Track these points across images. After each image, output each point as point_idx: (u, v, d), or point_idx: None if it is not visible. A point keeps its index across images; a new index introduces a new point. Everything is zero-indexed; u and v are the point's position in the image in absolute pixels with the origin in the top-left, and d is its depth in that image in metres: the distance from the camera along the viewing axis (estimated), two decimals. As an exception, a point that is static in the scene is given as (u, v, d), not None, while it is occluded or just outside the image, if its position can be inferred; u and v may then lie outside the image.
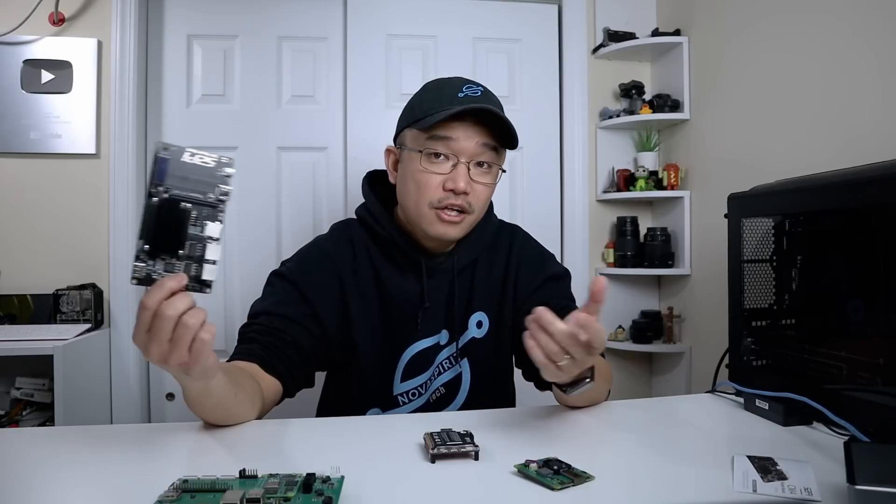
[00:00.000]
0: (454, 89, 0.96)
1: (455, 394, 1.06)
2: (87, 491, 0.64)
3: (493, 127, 0.96)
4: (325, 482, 0.59)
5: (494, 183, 1.00)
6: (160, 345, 0.62)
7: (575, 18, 2.17)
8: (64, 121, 1.86)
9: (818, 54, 1.48)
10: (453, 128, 0.94)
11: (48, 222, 1.88)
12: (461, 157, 0.95)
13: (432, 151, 0.95)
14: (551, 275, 1.09)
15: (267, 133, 2.04)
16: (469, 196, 0.96)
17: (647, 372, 2.28)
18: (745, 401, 0.94)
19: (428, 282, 1.02)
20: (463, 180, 0.94)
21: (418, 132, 0.96)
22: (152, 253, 0.63)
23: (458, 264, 1.04)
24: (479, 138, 0.95)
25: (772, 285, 1.04)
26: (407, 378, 1.03)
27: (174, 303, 0.62)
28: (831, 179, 0.92)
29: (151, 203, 0.62)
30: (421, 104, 0.98)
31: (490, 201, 1.11)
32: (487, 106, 0.93)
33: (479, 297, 1.06)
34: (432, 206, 0.96)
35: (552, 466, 0.64)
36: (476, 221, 1.01)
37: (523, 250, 1.10)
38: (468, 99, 0.94)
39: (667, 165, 2.08)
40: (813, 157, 1.47)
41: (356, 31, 2.07)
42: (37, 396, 1.73)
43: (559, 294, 1.07)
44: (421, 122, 0.96)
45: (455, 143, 0.94)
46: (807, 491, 0.60)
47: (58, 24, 1.86)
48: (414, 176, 0.97)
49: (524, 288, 1.06)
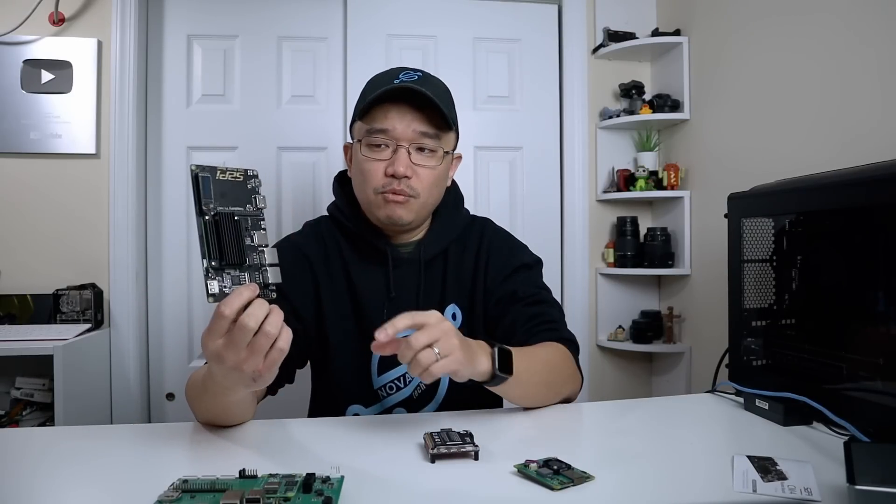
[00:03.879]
0: (391, 77, 0.99)
1: (435, 388, 1.06)
2: (87, 491, 0.64)
3: (430, 110, 0.98)
4: (325, 482, 0.59)
5: (438, 165, 1.01)
6: (237, 352, 0.63)
7: (575, 18, 2.17)
8: (64, 121, 1.86)
9: (818, 54, 1.48)
10: (390, 117, 0.97)
11: (48, 222, 1.88)
12: (400, 143, 0.97)
13: (372, 140, 0.98)
14: (521, 264, 1.08)
15: (267, 133, 2.04)
16: (412, 180, 0.98)
17: (647, 372, 2.28)
18: (745, 401, 0.94)
19: (395, 272, 1.03)
20: (402, 164, 0.96)
21: (361, 124, 1.00)
22: (219, 269, 0.64)
23: (425, 255, 1.05)
24: (416, 125, 0.97)
25: (772, 285, 1.04)
26: (384, 371, 1.03)
27: (254, 312, 0.62)
28: (831, 179, 0.92)
29: (207, 221, 0.64)
30: (363, 96, 1.02)
31: (460, 195, 1.14)
32: (417, 87, 0.95)
33: (452, 289, 1.07)
34: (377, 192, 0.98)
35: (552, 466, 0.64)
36: (427, 206, 1.02)
37: (493, 241, 1.10)
38: (402, 85, 0.97)
39: (667, 165, 2.08)
40: (813, 157, 1.47)
41: (356, 31, 2.07)
42: (37, 396, 1.73)
43: (528, 283, 1.06)
44: (360, 112, 0.99)
45: (392, 131, 0.97)
46: (807, 491, 0.60)
47: (58, 24, 1.85)
48: (359, 165, 1.00)
49: (493, 279, 1.06)
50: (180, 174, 2.01)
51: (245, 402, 0.79)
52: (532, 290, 1.05)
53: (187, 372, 1.99)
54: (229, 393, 0.73)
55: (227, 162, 2.02)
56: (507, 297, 1.03)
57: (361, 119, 1.00)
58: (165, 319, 2.01)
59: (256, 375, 0.66)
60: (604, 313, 2.21)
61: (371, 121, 0.98)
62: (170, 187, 2.00)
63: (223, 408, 0.79)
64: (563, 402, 0.97)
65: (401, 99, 0.97)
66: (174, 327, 2.01)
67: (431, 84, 1.00)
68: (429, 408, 1.05)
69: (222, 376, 0.67)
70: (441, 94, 1.00)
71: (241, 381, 0.67)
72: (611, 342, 2.16)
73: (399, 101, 0.97)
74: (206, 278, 0.63)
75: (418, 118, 0.97)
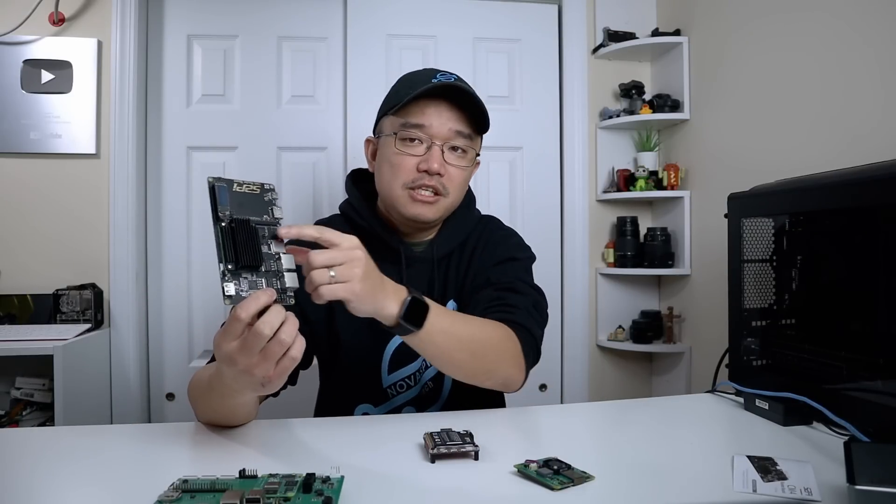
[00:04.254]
0: (428, 76, 1.00)
1: (441, 386, 1.06)
2: (87, 491, 0.64)
3: (466, 112, 0.99)
4: (325, 482, 0.59)
5: (468, 167, 1.02)
6: (250, 357, 0.63)
7: (575, 18, 2.17)
8: (64, 121, 1.86)
9: (818, 54, 1.48)
10: (427, 113, 0.97)
11: (48, 222, 1.87)
12: (435, 140, 0.97)
13: (407, 135, 0.98)
14: (508, 257, 1.07)
15: (267, 133, 2.04)
16: (443, 178, 0.98)
17: (647, 372, 2.28)
18: (745, 401, 0.94)
19: (407, 271, 1.03)
20: (437, 161, 0.97)
21: (394, 118, 1.00)
22: (235, 272, 0.65)
23: (438, 253, 1.05)
24: (452, 124, 0.98)
25: (772, 285, 1.04)
26: (395, 369, 1.03)
27: (270, 319, 0.62)
28: (831, 179, 0.92)
29: (223, 227, 0.65)
30: (396, 93, 1.02)
31: (472, 196, 1.14)
32: (458, 83, 0.96)
33: (451, 285, 1.07)
34: (406, 187, 0.98)
35: (552, 466, 0.64)
36: (452, 206, 1.03)
37: (490, 237, 1.10)
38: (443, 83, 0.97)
39: (667, 165, 2.08)
40: (813, 157, 1.47)
41: (356, 31, 2.07)
42: (37, 396, 1.73)
43: (507, 273, 1.03)
44: (395, 106, 0.99)
45: (429, 127, 0.97)
46: (807, 491, 0.60)
47: (58, 24, 1.85)
48: (389, 159, 0.99)
49: (479, 270, 1.06)
50: (180, 174, 2.01)
51: (249, 403, 0.79)
52: (508, 279, 1.02)
53: (187, 372, 1.99)
54: (236, 395, 0.73)
55: (227, 162, 2.03)
56: (482, 283, 1.03)
57: (395, 114, 0.99)
58: (165, 319, 2.00)
59: (265, 381, 0.66)
60: (604, 313, 2.21)
61: (406, 115, 0.98)
62: (170, 187, 2.00)
63: (228, 408, 0.79)
64: (501, 387, 0.93)
65: (439, 96, 0.97)
66: (174, 327, 2.01)
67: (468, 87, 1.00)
68: (434, 406, 1.05)
69: (232, 378, 0.68)
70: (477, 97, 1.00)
71: (249, 385, 0.67)
72: (611, 342, 2.16)
73: (437, 98, 0.97)
74: (223, 281, 0.63)
75: (455, 117, 0.98)
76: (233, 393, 0.72)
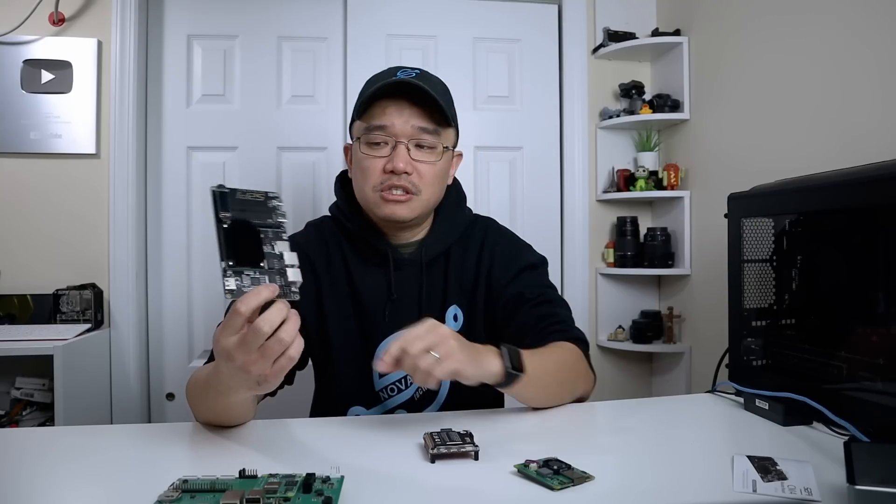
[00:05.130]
0: (389, 75, 0.99)
1: (436, 390, 1.06)
2: (87, 491, 0.64)
3: (429, 106, 0.98)
4: (325, 482, 0.59)
5: (438, 161, 1.01)
6: (248, 353, 0.63)
7: (575, 18, 2.17)
8: (64, 121, 1.86)
9: (818, 54, 1.48)
10: (388, 113, 0.97)
11: (48, 222, 1.87)
12: (399, 139, 0.97)
13: (371, 138, 0.98)
14: (526, 265, 1.07)
15: (267, 133, 2.04)
16: (412, 176, 0.97)
17: (647, 372, 2.28)
18: (745, 401, 0.94)
19: (396, 274, 1.03)
20: (402, 160, 0.96)
21: (360, 122, 1.00)
22: (237, 269, 0.65)
23: (427, 256, 1.04)
24: (414, 120, 0.97)
25: (772, 285, 1.04)
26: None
27: (270, 317, 0.62)
28: (831, 179, 0.92)
29: (225, 227, 0.66)
30: (361, 95, 1.02)
31: (462, 193, 1.13)
32: (415, 81, 0.95)
33: (453, 291, 1.06)
34: (376, 190, 0.98)
35: (552, 466, 0.64)
36: (428, 203, 1.02)
37: (497, 242, 1.09)
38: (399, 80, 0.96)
39: (667, 165, 2.08)
40: (813, 157, 1.47)
41: (356, 31, 2.07)
42: (37, 396, 1.73)
43: (534, 283, 1.06)
44: (358, 110, 0.99)
45: (391, 127, 0.97)
46: (807, 491, 0.60)
47: (58, 24, 1.85)
48: (359, 163, 1.00)
49: (498, 280, 1.06)
50: (180, 174, 2.01)
51: (246, 403, 0.79)
52: (539, 290, 1.04)
53: (187, 372, 1.99)
54: (232, 393, 0.73)
55: (227, 163, 2.03)
56: (515, 299, 1.03)
57: (360, 118, 0.99)
58: (165, 319, 2.01)
59: (262, 379, 0.66)
60: (604, 313, 2.21)
61: (369, 118, 0.98)
62: (170, 187, 2.00)
63: (224, 407, 0.79)
64: (577, 401, 0.97)
65: (399, 95, 0.97)
66: (174, 327, 2.01)
67: (429, 81, 1.00)
68: (430, 409, 1.04)
69: (228, 375, 0.67)
70: (439, 90, 1.00)
71: (245, 383, 0.67)
72: (611, 342, 2.16)
73: (397, 97, 0.97)
74: (224, 277, 0.63)
75: (417, 114, 0.97)
76: (228, 391, 0.72)
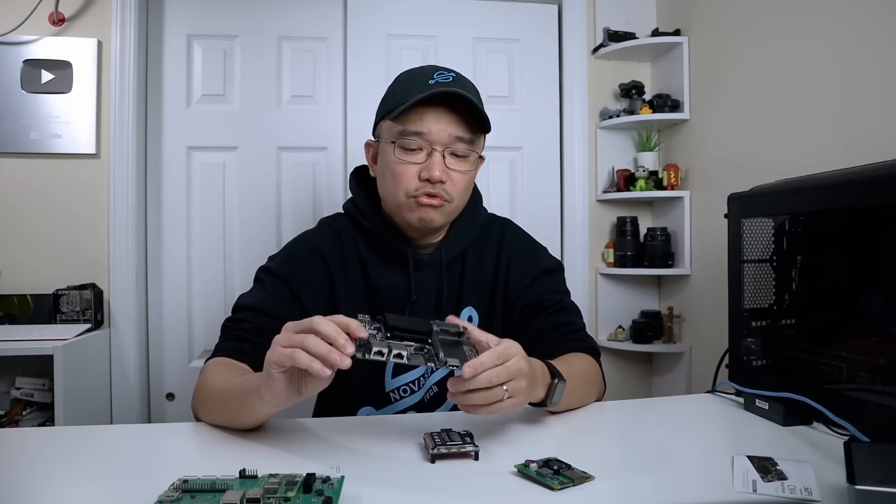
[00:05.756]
0: (425, 76, 0.96)
1: (445, 390, 1.05)
2: (87, 491, 0.64)
3: (465, 113, 0.95)
4: (325, 482, 0.59)
5: (471, 170, 1.00)
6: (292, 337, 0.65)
7: (575, 18, 2.17)
8: (64, 121, 1.86)
9: (818, 54, 1.48)
10: (426, 120, 0.94)
11: (48, 222, 1.87)
12: (435, 146, 0.95)
13: (406, 143, 0.95)
14: (543, 269, 1.07)
15: (267, 133, 2.04)
16: (446, 184, 0.96)
17: (647, 372, 2.28)
18: (745, 401, 0.94)
19: (415, 274, 1.02)
20: (438, 169, 0.94)
21: (392, 123, 0.96)
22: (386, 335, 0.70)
23: (446, 257, 1.04)
24: (452, 129, 0.95)
25: (772, 285, 1.04)
26: (398, 374, 1.03)
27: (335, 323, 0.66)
28: (831, 179, 0.92)
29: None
30: (393, 95, 0.99)
31: (479, 194, 1.12)
32: (455, 89, 0.93)
33: (469, 292, 1.05)
34: (409, 196, 0.96)
35: (552, 466, 0.64)
36: (457, 210, 1.01)
37: (514, 244, 1.09)
38: (439, 85, 0.94)
39: (667, 165, 2.08)
40: (813, 157, 1.47)
41: (356, 31, 2.07)
42: (37, 396, 1.73)
43: (552, 289, 1.06)
44: (393, 112, 0.96)
45: (428, 134, 0.94)
46: (807, 491, 0.60)
47: (58, 24, 1.85)
48: (390, 167, 0.97)
49: (516, 284, 1.05)
50: (180, 174, 2.01)
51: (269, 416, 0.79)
52: (556, 297, 1.05)
53: (187, 372, 1.99)
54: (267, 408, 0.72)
55: (227, 163, 2.03)
56: (532, 305, 1.03)
57: (393, 119, 0.96)
58: (165, 319, 2.00)
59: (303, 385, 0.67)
60: (604, 313, 2.21)
61: (405, 122, 0.95)
62: (170, 187, 2.00)
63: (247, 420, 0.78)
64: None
65: (437, 100, 0.94)
66: (174, 327, 2.01)
67: (465, 85, 0.96)
68: (440, 411, 1.04)
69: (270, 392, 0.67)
70: (475, 95, 0.97)
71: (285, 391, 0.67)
72: (611, 342, 2.16)
73: (435, 102, 0.94)
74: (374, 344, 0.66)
75: (454, 121, 0.95)
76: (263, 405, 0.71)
